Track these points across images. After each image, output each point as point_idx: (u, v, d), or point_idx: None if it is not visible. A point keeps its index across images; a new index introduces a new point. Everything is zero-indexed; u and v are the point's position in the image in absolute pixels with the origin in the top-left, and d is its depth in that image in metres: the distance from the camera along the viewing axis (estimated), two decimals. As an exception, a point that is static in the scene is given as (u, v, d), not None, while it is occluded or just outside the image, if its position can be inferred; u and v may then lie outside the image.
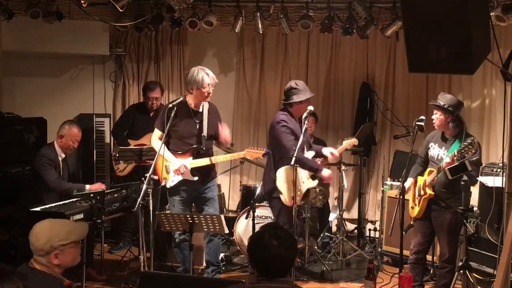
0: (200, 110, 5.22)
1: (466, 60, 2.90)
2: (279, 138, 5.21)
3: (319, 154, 5.51)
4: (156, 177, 5.02)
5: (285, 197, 5.21)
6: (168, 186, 5.20)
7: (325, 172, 5.26)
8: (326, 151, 5.50)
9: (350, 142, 5.62)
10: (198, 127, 5.19)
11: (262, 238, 2.67)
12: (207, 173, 5.26)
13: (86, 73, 7.44)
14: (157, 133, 5.22)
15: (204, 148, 5.20)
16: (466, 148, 4.47)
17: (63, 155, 5.67)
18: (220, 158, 5.29)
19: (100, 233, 5.45)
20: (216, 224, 4.65)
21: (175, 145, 5.24)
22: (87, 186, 5.64)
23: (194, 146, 5.18)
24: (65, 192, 5.52)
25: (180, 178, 5.16)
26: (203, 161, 5.17)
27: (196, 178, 5.18)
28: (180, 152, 5.20)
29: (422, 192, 4.87)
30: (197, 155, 5.19)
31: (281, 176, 5.22)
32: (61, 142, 5.60)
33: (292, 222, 5.09)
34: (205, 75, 5.08)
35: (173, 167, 5.16)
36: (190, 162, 5.15)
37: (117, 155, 6.27)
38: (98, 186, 5.71)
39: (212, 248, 5.36)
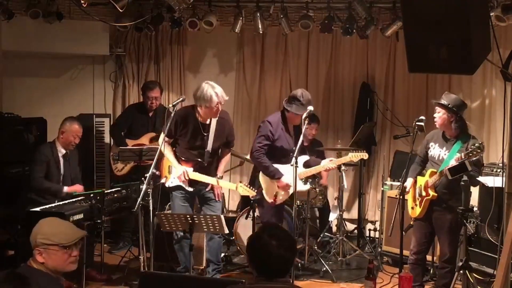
0: (208, 122, 5.19)
1: (466, 60, 2.90)
2: (256, 135, 5.35)
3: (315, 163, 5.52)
4: (158, 173, 5.05)
5: (265, 194, 5.30)
6: (166, 185, 5.25)
7: (282, 181, 5.24)
8: (325, 161, 5.48)
9: (357, 155, 5.46)
10: (203, 140, 5.17)
11: (262, 238, 2.67)
12: (210, 175, 5.25)
13: (86, 73, 7.44)
14: (163, 137, 5.19)
15: (206, 164, 5.20)
16: (475, 151, 4.45)
17: (64, 151, 5.70)
18: (221, 183, 5.22)
19: (100, 233, 5.45)
20: (216, 224, 4.65)
21: (180, 152, 5.27)
22: (65, 188, 5.62)
23: (198, 159, 5.18)
24: (44, 191, 5.52)
25: (177, 183, 5.20)
26: (206, 179, 5.16)
27: (191, 189, 5.20)
28: (183, 159, 5.24)
29: (423, 193, 4.85)
30: (199, 168, 5.19)
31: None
32: (63, 138, 5.65)
33: (276, 220, 5.23)
34: (214, 95, 4.97)
35: (176, 172, 5.19)
36: (192, 173, 5.15)
37: (116, 155, 6.29)
38: (76, 188, 5.71)
39: (213, 246, 5.36)
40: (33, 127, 6.60)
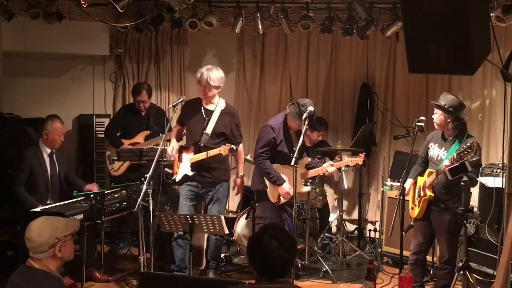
0: (212, 108, 5.34)
1: (466, 61, 2.90)
2: (258, 140, 5.38)
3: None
4: (170, 171, 5.25)
5: (270, 194, 5.32)
6: (176, 180, 5.37)
7: (283, 188, 5.30)
8: (326, 165, 5.57)
9: (353, 160, 5.64)
10: (204, 123, 5.29)
11: (262, 239, 2.67)
12: (214, 175, 5.33)
13: (86, 74, 7.44)
14: (174, 129, 5.47)
15: (202, 145, 5.27)
16: (465, 151, 4.47)
17: (49, 150, 5.61)
18: (211, 152, 5.23)
19: (100, 233, 5.45)
20: (216, 225, 4.66)
21: (186, 140, 5.50)
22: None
23: (196, 142, 5.29)
24: (19, 200, 5.44)
25: (183, 173, 5.29)
26: (200, 156, 5.24)
27: (191, 173, 5.26)
28: (186, 147, 5.38)
29: (422, 193, 4.86)
30: (198, 151, 5.27)
31: None
32: (47, 139, 5.57)
33: (277, 220, 5.26)
34: (201, 75, 5.23)
35: (171, 146, 5.38)
36: (190, 157, 5.27)
37: (113, 155, 6.36)
38: (92, 187, 5.71)
39: (210, 246, 5.43)
40: (33, 128, 6.61)
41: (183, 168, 5.33)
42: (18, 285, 2.89)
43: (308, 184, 5.89)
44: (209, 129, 5.27)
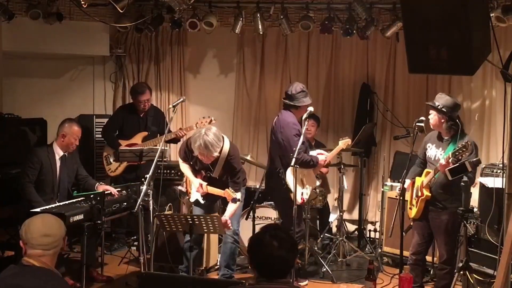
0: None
1: (466, 61, 2.91)
2: (289, 141, 5.22)
3: None
4: (184, 189, 5.36)
5: (296, 197, 5.21)
6: (191, 200, 5.38)
7: (321, 161, 5.48)
8: (314, 153, 5.58)
9: (344, 142, 5.67)
10: (210, 170, 5.24)
11: (263, 239, 2.67)
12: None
13: (86, 74, 7.45)
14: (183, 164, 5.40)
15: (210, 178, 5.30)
16: (460, 150, 4.49)
17: (61, 153, 5.53)
18: (215, 190, 5.22)
19: (100, 234, 5.45)
20: (216, 225, 4.67)
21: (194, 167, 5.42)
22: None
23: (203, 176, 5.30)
24: (26, 199, 5.37)
25: (198, 196, 5.28)
26: (218, 191, 5.18)
27: (203, 202, 5.28)
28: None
29: (419, 193, 4.87)
30: (207, 180, 5.28)
31: (292, 176, 5.20)
32: (64, 141, 5.48)
33: (301, 221, 5.30)
34: (197, 148, 4.95)
35: (194, 186, 5.29)
36: (209, 188, 5.20)
37: (110, 156, 6.39)
38: (108, 188, 5.66)
39: (223, 251, 5.41)
40: (34, 128, 6.62)
41: (196, 193, 5.31)
42: (18, 286, 2.76)
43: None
44: (215, 173, 5.23)
